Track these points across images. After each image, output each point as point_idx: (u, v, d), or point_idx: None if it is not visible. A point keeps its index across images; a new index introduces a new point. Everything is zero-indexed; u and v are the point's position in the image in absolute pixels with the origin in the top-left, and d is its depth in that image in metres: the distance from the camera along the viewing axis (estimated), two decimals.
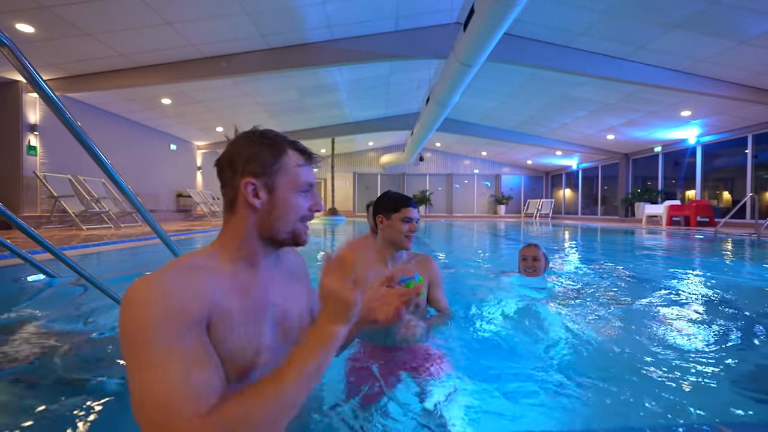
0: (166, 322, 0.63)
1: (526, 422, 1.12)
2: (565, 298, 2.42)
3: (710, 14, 5.91)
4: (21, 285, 2.88)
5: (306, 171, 0.85)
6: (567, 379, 1.33)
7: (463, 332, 1.82)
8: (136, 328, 0.62)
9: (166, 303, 0.65)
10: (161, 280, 0.67)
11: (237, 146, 0.82)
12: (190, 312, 0.66)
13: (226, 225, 0.83)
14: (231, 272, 0.78)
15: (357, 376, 1.33)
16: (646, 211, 12.79)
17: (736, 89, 8.22)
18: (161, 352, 0.61)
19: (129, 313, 0.63)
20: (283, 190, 0.81)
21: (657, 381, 1.35)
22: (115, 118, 9.93)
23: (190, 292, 0.68)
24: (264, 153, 0.81)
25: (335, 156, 16.57)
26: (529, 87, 10.16)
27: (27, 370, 1.43)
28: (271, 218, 0.81)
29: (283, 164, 0.82)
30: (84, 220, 7.78)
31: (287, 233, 0.83)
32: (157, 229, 2.17)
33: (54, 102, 1.49)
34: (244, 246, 0.81)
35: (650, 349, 1.63)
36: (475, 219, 18.71)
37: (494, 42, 5.80)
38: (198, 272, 0.73)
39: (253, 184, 0.79)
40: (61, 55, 6.64)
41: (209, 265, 0.76)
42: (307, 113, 12.31)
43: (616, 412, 1.15)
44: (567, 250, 5.94)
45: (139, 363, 0.61)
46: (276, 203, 0.81)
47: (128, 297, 0.65)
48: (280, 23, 6.62)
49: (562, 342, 1.72)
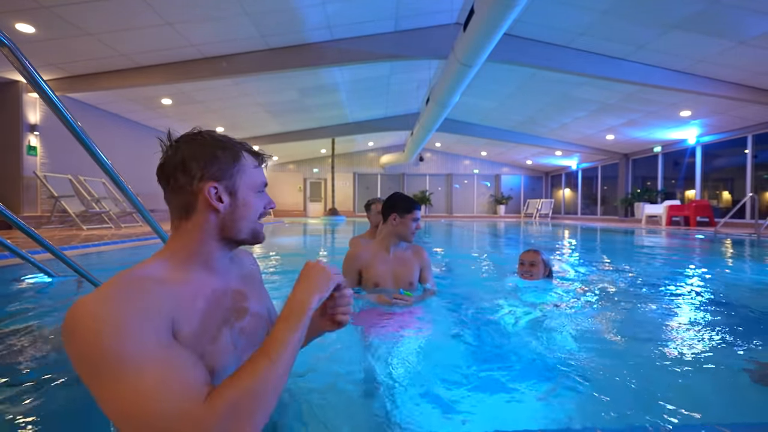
0: (132, 332, 0.60)
1: (525, 421, 1.12)
2: (562, 301, 2.42)
3: (710, 14, 5.92)
4: (21, 285, 2.88)
5: (260, 172, 0.89)
6: (566, 379, 1.33)
7: (457, 330, 1.83)
8: (97, 351, 0.58)
9: (124, 315, 0.61)
10: (110, 296, 0.63)
11: (189, 151, 0.79)
12: (152, 317, 0.64)
13: (177, 231, 0.81)
14: (185, 279, 0.76)
15: (369, 330, 1.78)
16: (646, 211, 12.79)
17: (736, 89, 8.23)
18: (135, 360, 0.59)
19: (83, 337, 0.59)
20: (244, 192, 0.84)
21: (656, 381, 1.35)
22: (115, 118, 9.93)
23: (147, 301, 0.65)
24: (222, 156, 0.81)
25: (335, 156, 16.56)
26: (529, 87, 10.16)
27: (26, 370, 1.43)
28: (233, 220, 0.82)
29: (241, 166, 0.84)
30: (84, 220, 7.78)
31: (248, 233, 0.85)
32: (158, 229, 2.17)
33: (54, 102, 1.49)
34: (201, 251, 0.80)
35: (649, 349, 1.63)
36: (474, 219, 18.71)
37: (494, 42, 5.81)
38: (151, 283, 0.69)
39: (215, 187, 0.79)
40: (61, 55, 6.64)
41: (159, 275, 0.73)
42: (307, 113, 12.32)
43: (616, 412, 1.16)
44: (567, 250, 5.94)
45: (114, 379, 0.58)
46: (238, 205, 0.82)
47: (73, 322, 0.60)
48: (281, 24, 6.62)
49: (559, 342, 1.72)
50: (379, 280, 2.15)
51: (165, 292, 0.70)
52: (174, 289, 0.72)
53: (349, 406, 1.18)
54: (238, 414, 0.63)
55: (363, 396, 1.25)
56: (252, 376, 0.66)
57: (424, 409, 1.14)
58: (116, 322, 0.60)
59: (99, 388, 0.59)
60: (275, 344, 0.71)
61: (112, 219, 8.50)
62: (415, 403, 1.17)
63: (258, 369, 0.67)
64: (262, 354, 0.70)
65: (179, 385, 0.61)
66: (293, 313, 0.76)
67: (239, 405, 0.63)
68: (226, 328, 0.79)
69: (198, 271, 0.80)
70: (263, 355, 0.69)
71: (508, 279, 2.81)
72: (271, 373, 0.67)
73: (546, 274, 2.61)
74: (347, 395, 1.22)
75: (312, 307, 0.79)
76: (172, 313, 0.68)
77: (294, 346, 0.73)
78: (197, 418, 0.60)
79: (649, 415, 1.12)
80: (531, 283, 2.54)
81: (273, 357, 0.69)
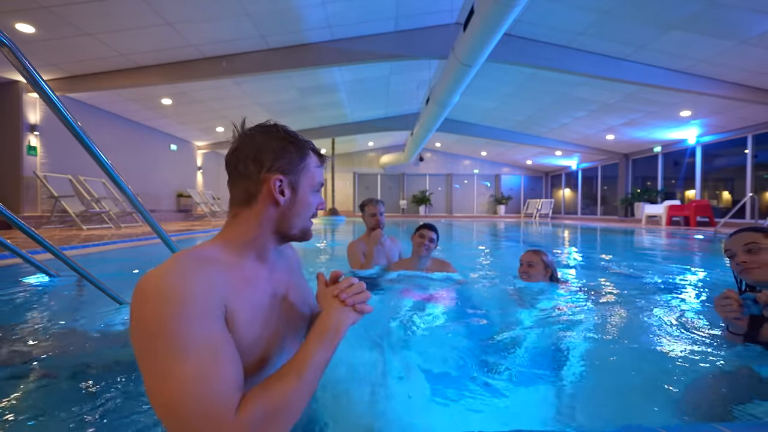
0: (190, 314, 0.62)
1: (526, 421, 1.12)
2: (558, 304, 2.41)
3: (710, 14, 5.92)
4: (21, 285, 2.88)
5: (321, 172, 0.90)
6: (566, 379, 1.33)
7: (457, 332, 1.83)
8: (157, 325, 0.60)
9: (186, 295, 0.63)
10: (174, 273, 0.65)
11: (263, 141, 0.81)
12: (209, 303, 0.65)
13: (235, 218, 0.82)
14: (239, 266, 0.78)
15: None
16: (646, 211, 12.79)
17: (736, 89, 8.22)
18: (189, 348, 0.60)
19: (145, 309, 0.61)
20: (304, 189, 0.85)
21: (656, 381, 1.35)
22: (115, 118, 9.93)
23: (206, 284, 0.67)
24: (292, 152, 0.83)
25: (335, 156, 16.57)
26: (529, 87, 10.16)
27: (26, 369, 1.43)
28: (290, 215, 0.83)
29: (306, 164, 0.85)
30: (84, 220, 7.78)
31: (300, 229, 0.86)
32: (158, 229, 2.17)
33: (54, 102, 1.49)
34: (257, 240, 0.82)
35: (649, 349, 1.63)
36: (474, 219, 18.71)
37: (494, 42, 5.81)
38: (208, 265, 0.71)
39: (281, 180, 0.81)
40: (61, 55, 6.64)
41: (217, 257, 0.75)
42: (307, 113, 12.32)
43: (615, 412, 1.16)
44: (566, 250, 5.94)
45: (165, 361, 0.59)
46: (297, 201, 0.84)
47: (142, 293, 0.62)
48: (281, 24, 6.62)
49: (557, 345, 1.72)
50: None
51: (222, 273, 0.71)
52: (230, 272, 0.74)
53: (347, 403, 1.17)
54: (263, 431, 0.63)
55: (356, 392, 1.25)
56: (282, 394, 0.66)
57: (420, 407, 1.14)
58: (177, 300, 0.62)
59: (148, 364, 0.60)
60: (307, 362, 0.71)
61: (112, 219, 8.49)
62: (415, 401, 1.17)
63: (288, 388, 0.67)
64: (293, 371, 0.69)
65: (218, 384, 0.61)
66: (327, 332, 0.75)
67: (265, 423, 0.63)
68: (275, 316, 0.81)
69: (252, 260, 0.82)
70: (294, 373, 0.69)
71: (507, 280, 2.79)
72: (299, 393, 0.68)
73: (548, 277, 2.52)
74: (344, 393, 1.22)
75: (345, 328, 0.78)
76: (226, 294, 0.70)
77: (323, 367, 0.73)
78: (224, 430, 0.60)
79: (649, 415, 1.12)
80: (529, 285, 2.49)
81: (303, 376, 0.69)
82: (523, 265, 2.53)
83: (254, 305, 0.76)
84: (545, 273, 2.52)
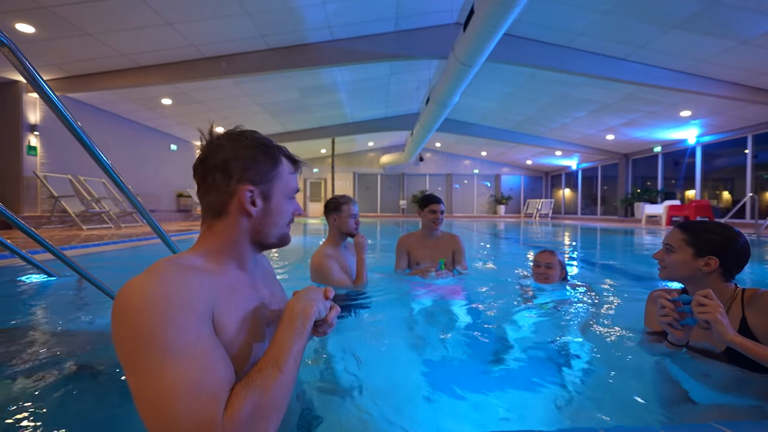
0: (179, 319, 0.61)
1: (527, 422, 1.12)
2: (577, 305, 2.41)
3: (710, 14, 5.92)
4: (21, 285, 2.88)
5: (294, 178, 0.88)
6: (567, 379, 1.33)
7: (466, 333, 1.83)
8: (147, 331, 0.59)
9: (176, 300, 0.62)
10: (161, 279, 0.64)
11: (232, 150, 0.79)
12: (198, 308, 0.65)
13: (209, 230, 0.81)
14: (223, 273, 0.78)
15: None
16: (646, 211, 12.79)
17: (736, 89, 8.22)
18: (180, 353, 0.59)
19: (133, 316, 0.59)
20: (277, 198, 0.83)
21: (655, 381, 1.35)
22: (115, 118, 9.93)
23: (194, 289, 0.66)
24: (262, 160, 0.81)
25: (335, 156, 16.56)
26: (529, 87, 10.16)
27: (26, 369, 1.43)
28: (264, 224, 0.82)
29: (278, 172, 0.83)
30: (84, 220, 7.78)
31: (277, 237, 0.86)
32: (158, 229, 2.17)
33: (54, 102, 1.49)
34: (234, 250, 0.81)
35: (648, 349, 1.63)
36: (474, 219, 18.71)
37: (494, 42, 5.81)
38: (193, 271, 0.70)
39: (251, 191, 0.79)
40: (61, 55, 6.64)
41: (200, 265, 0.75)
42: (307, 113, 12.31)
43: (615, 412, 1.16)
44: (566, 250, 5.94)
45: (155, 367, 0.58)
46: (270, 211, 0.82)
47: (127, 300, 0.61)
48: (281, 23, 6.62)
49: (571, 346, 1.72)
50: (420, 260, 2.86)
51: (207, 281, 0.71)
52: (214, 279, 0.73)
53: (347, 403, 1.17)
54: (253, 428, 0.62)
55: (357, 392, 1.25)
56: (265, 389, 0.64)
57: (424, 407, 1.14)
58: (164, 306, 0.61)
59: (136, 372, 0.59)
60: (284, 353, 0.69)
61: (112, 219, 8.50)
62: (415, 401, 1.17)
63: (270, 382, 0.65)
64: (272, 364, 0.68)
65: (208, 386, 0.60)
66: (297, 319, 0.74)
67: (255, 419, 0.62)
68: (261, 323, 0.81)
69: (234, 268, 0.81)
70: (273, 366, 0.68)
71: (520, 281, 2.72)
72: (282, 384, 0.67)
73: (562, 277, 2.47)
74: (343, 392, 1.22)
75: (314, 313, 0.77)
76: (212, 301, 0.69)
77: (300, 354, 0.72)
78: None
79: (650, 416, 1.12)
80: (546, 287, 2.43)
81: (282, 367, 0.68)
82: (541, 266, 2.45)
83: (240, 312, 0.75)
84: (561, 274, 2.47)
